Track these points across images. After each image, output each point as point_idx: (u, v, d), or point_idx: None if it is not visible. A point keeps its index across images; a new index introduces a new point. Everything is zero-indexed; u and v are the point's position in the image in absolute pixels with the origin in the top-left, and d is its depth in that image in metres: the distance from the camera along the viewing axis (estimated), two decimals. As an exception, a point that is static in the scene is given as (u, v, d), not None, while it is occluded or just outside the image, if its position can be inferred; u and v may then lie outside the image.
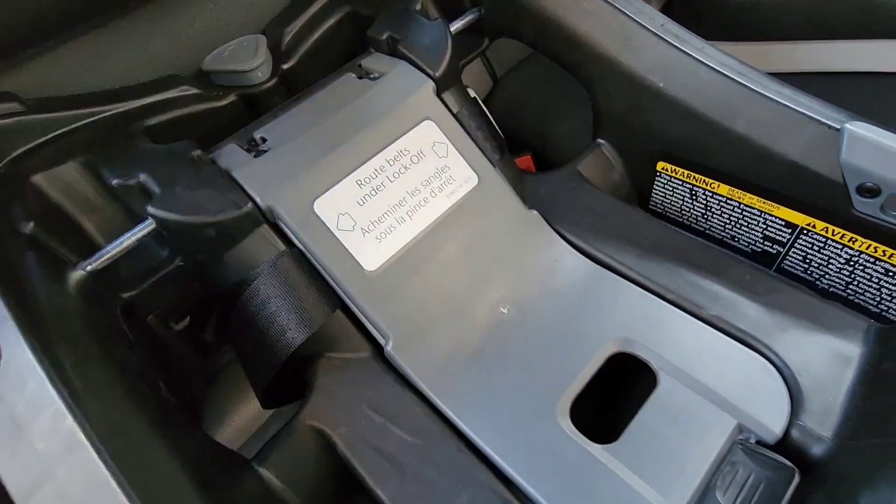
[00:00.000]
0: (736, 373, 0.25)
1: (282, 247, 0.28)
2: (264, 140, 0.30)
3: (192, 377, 0.37)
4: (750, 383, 0.25)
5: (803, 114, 0.27)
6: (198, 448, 0.23)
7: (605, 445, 0.24)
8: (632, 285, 0.30)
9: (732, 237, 0.34)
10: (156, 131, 0.31)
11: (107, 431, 0.18)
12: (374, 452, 0.26)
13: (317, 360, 0.29)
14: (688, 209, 0.35)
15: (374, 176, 0.29)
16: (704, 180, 0.33)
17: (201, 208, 0.26)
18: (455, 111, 0.33)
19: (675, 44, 0.30)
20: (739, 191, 0.32)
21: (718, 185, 0.33)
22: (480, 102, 0.40)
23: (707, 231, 0.35)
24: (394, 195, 0.29)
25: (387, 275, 0.28)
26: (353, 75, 0.33)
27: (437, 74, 0.32)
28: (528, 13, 0.34)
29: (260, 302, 0.27)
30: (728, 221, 0.34)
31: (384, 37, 0.33)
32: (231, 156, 0.29)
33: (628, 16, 0.31)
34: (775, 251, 0.32)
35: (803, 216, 0.30)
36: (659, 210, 0.37)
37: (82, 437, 0.18)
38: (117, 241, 0.27)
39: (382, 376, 0.28)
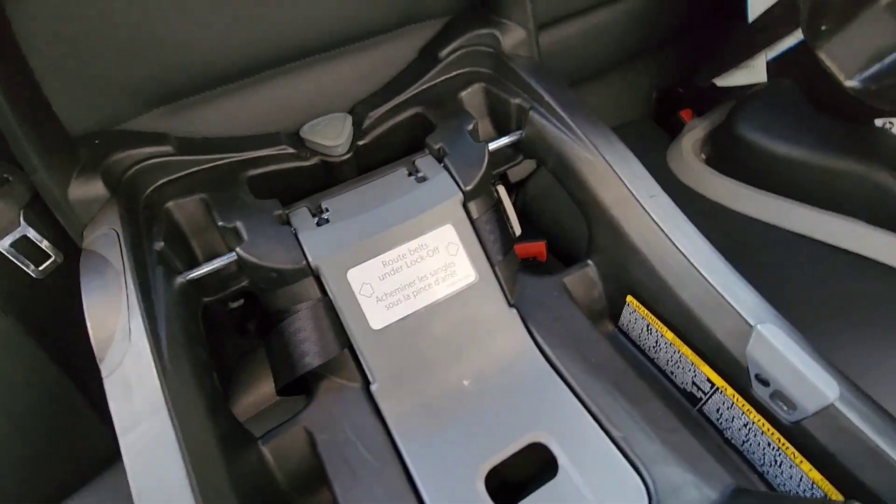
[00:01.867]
0: (616, 487, 0.33)
1: (318, 295, 0.38)
2: (328, 210, 0.40)
3: (229, 348, 0.49)
4: (624, 500, 0.33)
5: (730, 305, 0.34)
6: (229, 425, 0.34)
7: None
8: (569, 392, 0.38)
9: (672, 373, 0.41)
10: (255, 179, 0.42)
11: (180, 406, 0.29)
12: (342, 460, 0.36)
13: (323, 378, 0.39)
14: (644, 338, 0.43)
15: (397, 260, 0.39)
16: (658, 323, 0.40)
17: (271, 257, 0.36)
18: (475, 217, 0.42)
19: (654, 217, 0.38)
20: (679, 341, 0.39)
21: (666, 331, 0.40)
22: (506, 200, 0.48)
23: (655, 360, 0.43)
24: (407, 277, 0.39)
25: (386, 334, 0.38)
26: (406, 171, 0.42)
27: (467, 189, 0.41)
28: (553, 150, 0.42)
29: (294, 329, 0.38)
30: (670, 360, 0.41)
31: (436, 146, 0.43)
32: (301, 219, 0.39)
33: (624, 183, 0.39)
34: (699, 396, 0.39)
35: (720, 379, 0.37)
36: (624, 330, 0.45)
37: (163, 406, 0.29)
38: (211, 263, 0.38)
39: (364, 406, 0.38)
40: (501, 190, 0.49)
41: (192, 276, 0.37)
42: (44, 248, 0.35)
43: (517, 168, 0.63)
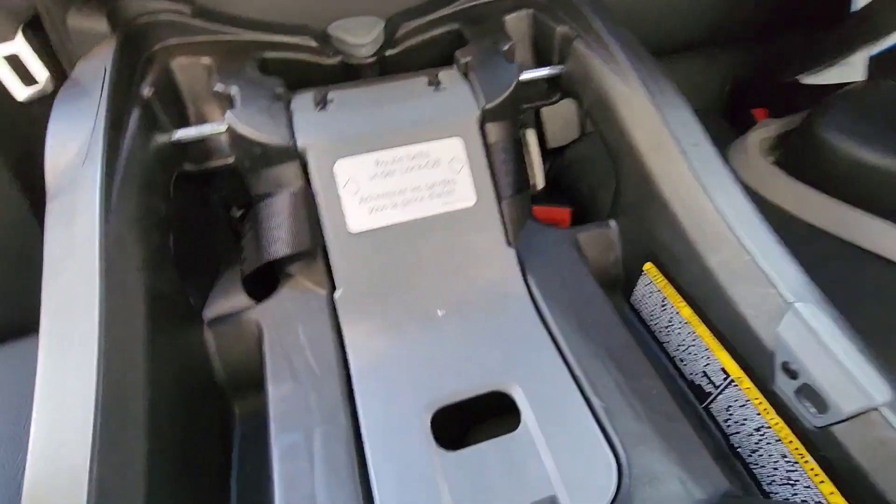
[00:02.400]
0: (585, 459, 0.28)
1: (301, 184, 0.35)
2: (332, 100, 0.37)
3: (221, 251, 0.46)
4: (589, 474, 0.27)
5: (766, 276, 0.28)
6: (171, 291, 0.31)
7: (442, 451, 0.28)
8: (553, 348, 0.32)
9: (682, 360, 0.35)
10: (268, 63, 0.39)
11: (113, 253, 0.26)
12: (285, 362, 0.32)
13: (290, 278, 0.36)
14: (656, 317, 0.37)
15: (392, 162, 0.35)
16: (675, 296, 0.34)
17: (258, 129, 0.34)
18: (491, 142, 0.37)
19: (693, 166, 0.32)
20: (697, 319, 0.33)
21: (683, 306, 0.34)
22: (534, 148, 0.44)
23: (664, 345, 0.37)
24: (399, 184, 0.35)
25: (362, 239, 0.34)
26: (426, 80, 0.39)
27: (488, 106, 0.36)
28: (593, 85, 0.37)
29: (269, 213, 0.35)
30: (682, 344, 0.35)
31: (464, 60, 0.39)
32: (302, 102, 0.36)
33: (666, 125, 0.33)
34: (708, 391, 0.33)
35: (737, 368, 0.30)
36: (636, 306, 0.39)
37: (96, 243, 0.26)
38: (199, 127, 0.35)
39: (324, 313, 0.34)
40: (531, 136, 0.44)
41: (176, 136, 0.35)
42: (33, 71, 0.34)
43: (556, 132, 0.58)
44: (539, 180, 0.47)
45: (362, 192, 0.34)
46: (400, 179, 0.35)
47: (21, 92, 0.34)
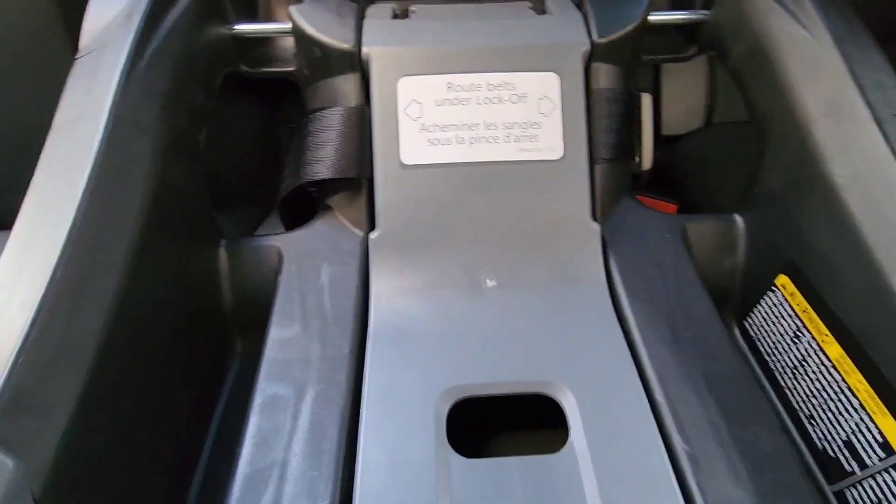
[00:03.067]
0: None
1: (358, 102, 0.29)
2: (412, 12, 0.31)
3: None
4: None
5: None
6: (185, 183, 0.27)
7: (454, 454, 0.21)
8: (629, 359, 0.24)
9: (812, 417, 0.25)
10: None
11: (123, 122, 0.22)
12: (297, 300, 0.27)
13: (326, 210, 0.30)
14: (782, 351, 0.27)
15: (467, 88, 0.28)
16: (818, 325, 0.24)
17: (321, 26, 0.29)
18: (597, 86, 0.30)
19: (892, 144, 0.22)
20: (850, 363, 0.23)
21: (831, 342, 0.24)
22: (647, 116, 0.35)
23: (789, 392, 0.27)
24: (471, 116, 0.28)
25: (415, 174, 0.28)
26: (530, 4, 0.32)
27: (598, 41, 0.29)
28: (750, 29, 0.28)
29: (318, 128, 0.30)
30: (814, 397, 0.25)
31: (582, -15, 0.31)
32: (379, 9, 0.31)
33: (856, 82, 0.23)
34: (849, 469, 0.23)
35: (911, 447, 0.20)
36: (751, 333, 0.29)
37: (106, 108, 0.22)
38: (265, 24, 0.31)
39: (355, 256, 0.28)
40: (646, 101, 0.36)
41: (236, 28, 0.31)
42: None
43: (674, 117, 0.48)
44: (647, 158, 0.38)
45: (425, 119, 0.28)
46: (473, 111, 0.28)
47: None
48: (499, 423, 0.26)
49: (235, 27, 0.31)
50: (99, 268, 0.20)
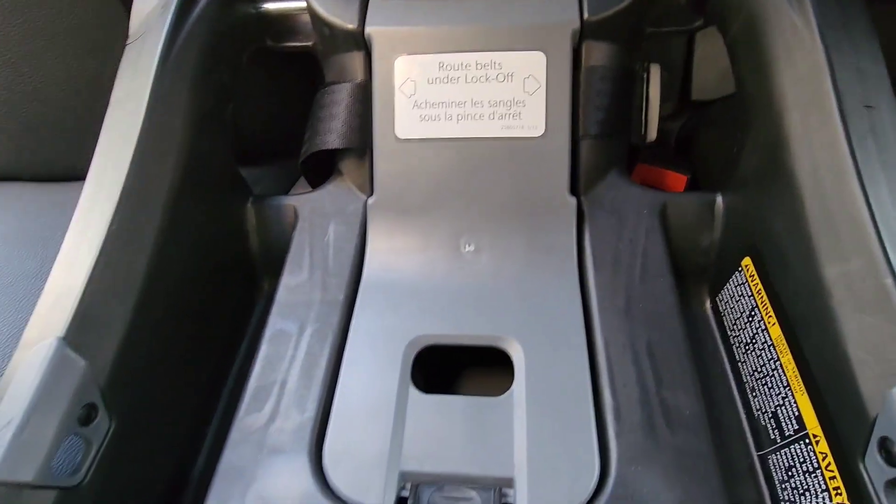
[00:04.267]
0: (565, 455, 0.23)
1: (363, 78, 0.32)
2: None
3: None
4: (562, 473, 0.23)
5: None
6: (214, 151, 0.32)
7: (413, 389, 0.26)
8: (580, 322, 0.27)
9: (753, 390, 0.27)
10: None
11: (159, 103, 0.27)
12: (306, 253, 0.32)
13: (338, 174, 0.35)
14: (739, 328, 0.28)
15: (457, 68, 0.30)
16: (767, 307, 0.26)
17: (329, 9, 0.32)
18: (588, 65, 0.30)
19: (855, 135, 0.22)
20: (785, 344, 0.24)
21: (773, 324, 0.25)
22: (655, 89, 0.35)
23: (740, 365, 0.28)
24: (459, 94, 0.30)
25: (407, 147, 0.31)
26: None
27: (588, 18, 0.29)
28: (746, 7, 0.28)
29: (328, 102, 0.33)
30: (759, 370, 0.26)
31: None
32: None
33: (831, 74, 0.23)
34: (772, 437, 0.25)
35: (817, 423, 0.22)
36: (720, 309, 0.31)
37: (146, 93, 0.27)
38: (286, 3, 0.35)
39: (356, 217, 0.32)
40: (654, 72, 0.35)
41: (262, 7, 0.35)
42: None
43: (706, 81, 0.46)
44: (651, 131, 0.38)
45: (418, 96, 0.31)
46: (461, 89, 0.30)
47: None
48: (464, 368, 0.30)
49: (261, 6, 0.35)
50: (143, 219, 0.26)
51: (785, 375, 0.24)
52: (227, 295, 0.33)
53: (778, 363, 0.25)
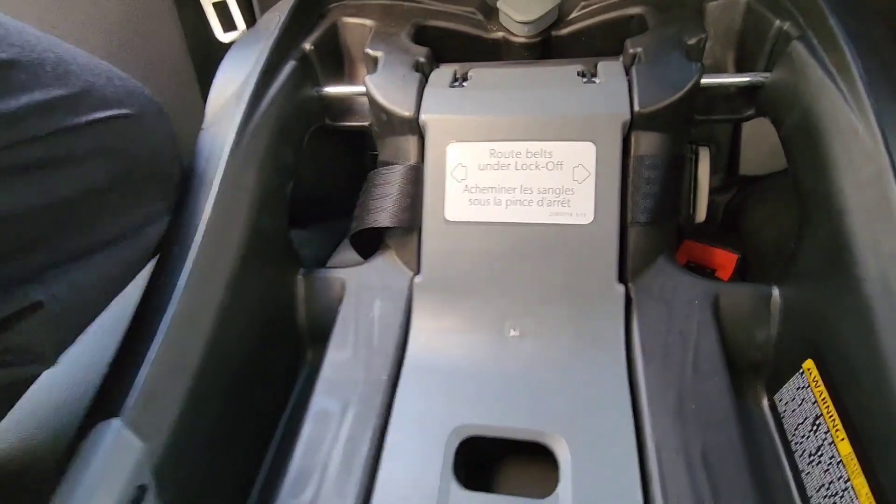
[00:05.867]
0: None
1: (416, 159, 0.33)
2: (471, 77, 0.34)
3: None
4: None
5: None
6: (273, 228, 0.33)
7: (456, 485, 0.25)
8: (630, 423, 0.26)
9: (820, 507, 0.25)
10: (427, 31, 0.39)
11: (228, 187, 0.29)
12: (352, 328, 0.32)
13: (385, 249, 0.36)
14: (802, 436, 0.27)
15: (508, 155, 0.31)
16: (835, 419, 0.24)
17: (387, 96, 0.33)
18: (637, 153, 0.31)
19: None
20: (858, 466, 0.22)
21: (843, 438, 0.24)
22: (704, 171, 0.35)
23: (803, 475, 0.26)
24: (509, 180, 0.31)
25: (456, 230, 0.32)
26: (579, 68, 0.33)
27: (642, 111, 0.30)
28: (801, 102, 0.27)
29: (380, 181, 0.35)
30: (821, 488, 0.24)
31: (633, 51, 0.32)
32: (440, 76, 0.35)
33: None
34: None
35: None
36: (779, 410, 0.29)
37: (218, 176, 0.29)
38: (345, 87, 0.37)
39: (402, 294, 0.33)
40: (703, 156, 0.35)
41: (322, 91, 0.37)
42: (235, 19, 0.39)
43: (755, 156, 0.46)
44: (700, 212, 0.37)
45: (469, 181, 0.32)
46: (511, 175, 0.31)
47: (223, 35, 0.40)
48: (506, 457, 0.29)
49: (322, 90, 0.37)
50: (207, 298, 0.27)
51: (857, 500, 0.22)
52: (274, 366, 0.34)
53: (849, 484, 0.23)
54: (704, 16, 0.34)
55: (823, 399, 0.25)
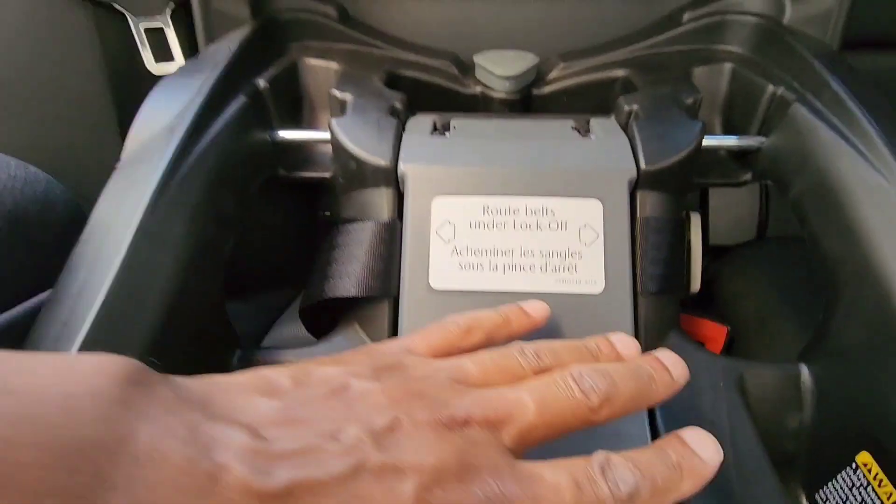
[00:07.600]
0: None
1: (391, 215, 0.28)
2: (454, 128, 0.31)
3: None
4: None
5: None
6: (205, 291, 0.26)
7: None
8: None
9: None
10: (399, 80, 0.35)
11: (145, 237, 0.22)
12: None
13: (349, 324, 0.29)
14: (865, 545, 0.22)
15: (504, 213, 0.27)
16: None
17: (358, 141, 0.28)
18: (642, 215, 0.28)
19: None
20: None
21: (932, 554, 0.19)
22: (696, 238, 0.33)
23: None
24: (506, 241, 0.27)
25: (443, 300, 0.26)
26: (573, 123, 0.31)
27: (646, 169, 0.27)
28: (813, 165, 0.26)
29: (346, 241, 0.29)
30: None
31: (628, 108, 0.30)
32: (419, 123, 0.31)
33: None
34: None
35: None
36: (823, 509, 0.25)
37: (134, 224, 0.22)
38: (304, 131, 0.32)
39: None
40: (695, 221, 0.33)
41: (276, 136, 0.31)
42: (172, 49, 0.33)
43: (724, 226, 0.46)
44: (695, 281, 0.35)
45: (458, 242, 0.27)
46: (509, 236, 0.27)
47: (155, 66, 0.34)
48: None
49: (277, 134, 0.31)
50: None
51: None
52: None
53: None
54: (692, 79, 0.33)
55: (888, 495, 0.21)
